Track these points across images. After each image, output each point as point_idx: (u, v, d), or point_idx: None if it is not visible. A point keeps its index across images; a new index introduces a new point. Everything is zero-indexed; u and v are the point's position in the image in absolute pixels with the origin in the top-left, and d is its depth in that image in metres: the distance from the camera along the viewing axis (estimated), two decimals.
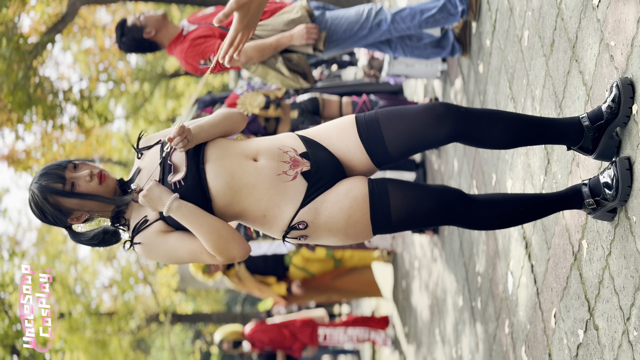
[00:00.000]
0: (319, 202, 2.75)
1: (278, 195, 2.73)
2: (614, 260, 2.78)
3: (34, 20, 12.29)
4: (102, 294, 20.25)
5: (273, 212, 2.74)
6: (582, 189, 2.82)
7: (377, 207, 2.74)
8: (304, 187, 2.75)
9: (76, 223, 2.81)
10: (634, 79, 2.63)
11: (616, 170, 2.66)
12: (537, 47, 3.76)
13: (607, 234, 2.85)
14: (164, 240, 2.74)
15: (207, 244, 2.69)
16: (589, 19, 3.07)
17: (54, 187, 2.70)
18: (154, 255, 2.78)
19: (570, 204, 2.86)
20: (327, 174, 2.79)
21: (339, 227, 2.75)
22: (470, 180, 5.26)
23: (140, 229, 2.75)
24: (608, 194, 2.70)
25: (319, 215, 2.74)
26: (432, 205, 2.76)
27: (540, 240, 3.68)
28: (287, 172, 2.73)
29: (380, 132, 2.80)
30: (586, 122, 2.76)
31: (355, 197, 2.74)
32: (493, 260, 4.61)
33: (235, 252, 2.72)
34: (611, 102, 2.68)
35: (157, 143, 2.85)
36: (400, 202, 2.74)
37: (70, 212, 2.75)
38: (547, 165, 3.59)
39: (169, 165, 2.73)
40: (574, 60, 3.24)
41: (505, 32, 4.39)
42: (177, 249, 2.74)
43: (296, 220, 2.74)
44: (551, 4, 3.55)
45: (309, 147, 2.81)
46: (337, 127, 2.88)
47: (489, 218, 2.84)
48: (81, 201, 2.72)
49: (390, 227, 2.79)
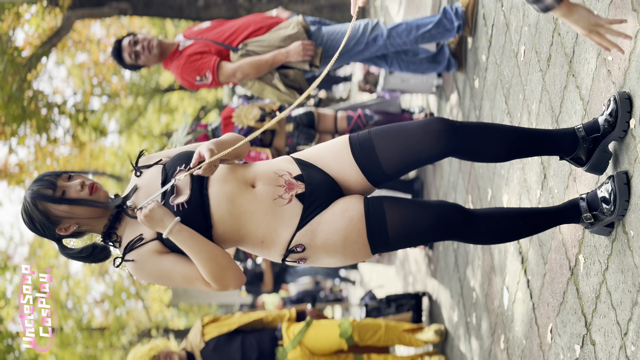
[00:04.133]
0: (315, 224, 2.73)
1: (275, 220, 2.71)
2: (611, 274, 2.77)
3: (28, 34, 12.28)
4: (94, 309, 20.18)
5: (271, 237, 2.73)
6: (580, 203, 2.81)
7: (373, 226, 2.72)
8: (300, 210, 2.73)
9: (65, 234, 2.75)
10: (631, 93, 2.63)
11: (614, 185, 2.66)
12: (534, 62, 3.77)
13: (605, 248, 2.84)
14: (158, 260, 2.71)
15: (204, 271, 2.67)
16: None
17: (43, 192, 2.68)
18: (145, 274, 2.74)
19: (568, 218, 2.85)
20: (322, 194, 2.77)
21: (337, 248, 2.73)
22: (465, 195, 5.26)
23: (134, 247, 2.72)
24: (606, 208, 2.69)
25: (316, 237, 2.72)
26: (430, 221, 2.73)
27: (537, 255, 3.68)
28: (282, 195, 2.72)
29: (374, 151, 2.78)
30: (582, 133, 2.76)
31: (351, 217, 2.72)
32: (489, 275, 4.60)
33: (231, 281, 2.72)
34: (608, 115, 2.68)
35: (157, 163, 2.84)
36: (397, 220, 2.72)
37: (59, 221, 2.72)
38: (543, 179, 3.59)
39: (172, 187, 2.71)
40: (570, 75, 3.25)
41: (501, 47, 4.40)
42: (170, 272, 2.71)
43: (293, 244, 2.73)
44: (548, 19, 3.56)
45: (304, 169, 2.81)
46: (331, 149, 2.87)
47: (488, 232, 2.81)
48: (70, 208, 2.69)
49: (388, 246, 2.77)
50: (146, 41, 5.11)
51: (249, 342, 5.58)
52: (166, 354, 5.35)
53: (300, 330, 5.59)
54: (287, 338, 5.60)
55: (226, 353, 5.51)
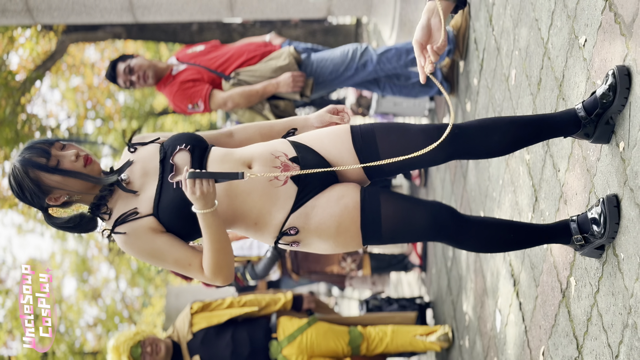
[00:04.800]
0: (310, 207, 2.72)
1: (270, 202, 2.70)
2: (602, 297, 2.78)
3: (22, 58, 12.31)
4: (87, 333, 20.07)
5: (264, 219, 2.72)
6: (571, 224, 2.82)
7: (367, 216, 2.71)
8: (294, 192, 2.72)
9: (54, 204, 2.70)
10: (631, 69, 2.61)
11: (604, 208, 2.67)
12: (525, 85, 3.80)
13: (595, 271, 2.85)
14: (152, 238, 2.67)
15: (211, 260, 2.64)
16: (575, 58, 3.11)
17: (37, 161, 2.63)
18: (136, 250, 2.69)
19: (558, 238, 2.86)
20: (317, 177, 2.76)
21: (330, 234, 2.71)
22: None
23: (127, 220, 2.68)
24: (596, 230, 2.70)
25: (310, 220, 2.71)
26: (424, 220, 2.74)
27: (529, 277, 3.68)
28: (278, 177, 2.71)
29: (375, 144, 2.78)
30: (582, 113, 2.74)
31: (347, 204, 2.71)
32: (481, 298, 4.60)
33: (225, 278, 2.69)
34: (607, 89, 2.65)
35: (154, 141, 2.82)
36: (392, 213, 2.72)
37: (50, 191, 2.66)
38: (534, 202, 3.61)
39: (170, 165, 2.70)
40: (560, 99, 3.27)
41: (492, 71, 4.43)
42: (164, 253, 2.67)
43: (287, 226, 2.71)
44: (538, 43, 3.60)
45: (299, 151, 2.78)
46: (331, 134, 2.85)
47: (479, 239, 2.82)
48: (63, 179, 2.65)
49: (380, 239, 2.76)
50: (141, 71, 5.13)
51: (240, 335, 5.29)
52: (152, 340, 5.08)
53: (300, 327, 5.31)
54: (282, 332, 5.30)
55: (215, 348, 5.23)
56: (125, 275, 20.54)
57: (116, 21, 7.18)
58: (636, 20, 2.54)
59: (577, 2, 3.09)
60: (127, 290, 21.09)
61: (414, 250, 6.79)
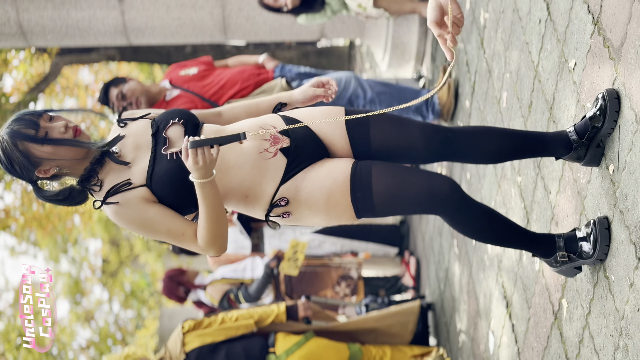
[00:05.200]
0: (300, 179, 2.71)
1: (260, 174, 2.70)
2: (594, 319, 2.79)
3: (16, 80, 12.33)
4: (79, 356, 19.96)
5: (254, 192, 2.71)
6: (557, 240, 2.82)
7: (357, 191, 2.68)
8: (284, 164, 2.72)
9: (43, 177, 2.68)
10: (620, 91, 2.63)
11: (594, 229, 2.68)
12: (516, 108, 3.83)
13: (587, 293, 2.87)
14: (144, 208, 2.64)
15: (206, 230, 2.61)
16: (565, 81, 3.13)
17: (25, 132, 2.60)
18: (128, 220, 2.66)
19: (541, 249, 2.84)
20: (307, 150, 2.76)
21: (319, 207, 2.70)
22: (451, 239, 5.28)
23: (120, 190, 2.65)
24: (584, 251, 2.71)
25: (300, 192, 2.70)
26: (420, 190, 2.67)
27: (521, 299, 3.69)
28: (267, 149, 2.71)
29: (367, 128, 2.79)
30: (573, 136, 2.76)
31: (336, 178, 2.69)
32: (474, 320, 4.60)
33: (219, 248, 2.66)
34: (597, 112, 2.66)
35: (145, 116, 2.81)
36: (384, 188, 2.68)
37: (39, 163, 2.64)
38: (526, 223, 3.62)
39: (164, 138, 2.69)
40: (551, 122, 3.30)
41: (484, 93, 4.46)
42: (156, 222, 2.65)
43: (277, 197, 2.71)
44: (528, 66, 3.63)
45: (289, 124, 2.78)
46: (324, 111, 2.85)
47: (475, 225, 2.77)
48: (53, 149, 2.62)
49: (373, 212, 2.72)
50: (134, 97, 5.13)
51: (235, 351, 5.11)
52: None
53: (297, 342, 5.15)
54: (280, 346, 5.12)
55: None
56: (119, 297, 20.45)
57: (110, 44, 7.21)
58: (624, 45, 2.57)
59: (566, 26, 3.13)
60: (121, 312, 20.99)
61: (407, 272, 6.79)
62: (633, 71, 2.51)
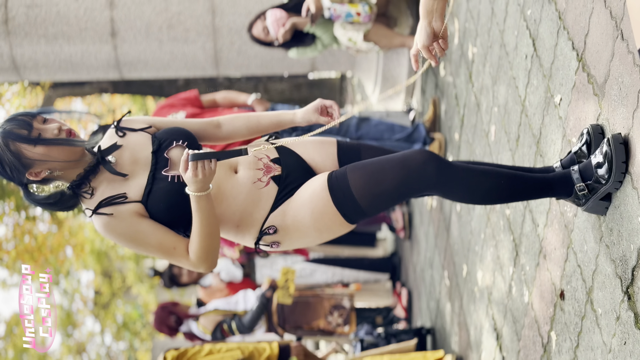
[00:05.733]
0: (286, 204, 2.70)
1: (252, 204, 2.70)
2: (582, 352, 2.82)
3: (9, 113, 12.37)
4: None
5: (246, 221, 2.70)
6: (572, 174, 2.67)
7: (336, 191, 2.63)
8: (275, 192, 2.72)
9: (34, 179, 2.61)
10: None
11: (609, 148, 2.50)
12: (504, 141, 3.87)
13: (575, 325, 2.89)
14: (137, 221, 2.61)
15: (198, 244, 2.59)
16: (551, 116, 3.18)
17: (18, 132, 2.55)
18: (119, 232, 2.61)
19: (560, 189, 2.70)
20: (298, 178, 2.76)
21: (307, 224, 2.67)
22: (442, 271, 5.31)
23: (114, 202, 2.61)
24: (600, 174, 2.54)
25: (286, 216, 2.68)
26: (398, 175, 2.59)
27: (511, 331, 3.71)
28: (261, 179, 2.71)
29: (359, 156, 2.82)
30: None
31: (314, 188, 2.67)
32: (465, 352, 4.61)
33: (209, 264, 2.64)
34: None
35: (144, 130, 2.77)
36: (360, 180, 2.61)
37: (31, 164, 2.58)
38: (515, 256, 3.65)
39: (165, 158, 2.67)
40: (538, 155, 3.34)
41: (473, 127, 4.51)
42: (148, 236, 2.61)
43: (266, 225, 2.69)
44: (516, 100, 3.68)
45: (281, 153, 2.80)
46: (316, 141, 2.87)
47: (466, 186, 2.64)
48: (46, 150, 2.57)
49: (359, 208, 2.65)
50: None
51: None
52: None
53: None
54: None
55: None
56: (111, 328, 20.35)
57: (103, 78, 7.25)
58: (608, 81, 2.62)
59: (552, 62, 3.18)
60: (113, 344, 20.88)
61: (399, 303, 6.80)
62: (616, 107, 2.55)
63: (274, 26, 5.67)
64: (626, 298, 2.45)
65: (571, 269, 2.95)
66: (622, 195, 2.51)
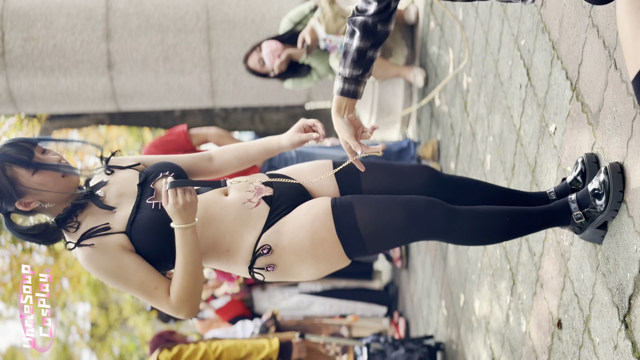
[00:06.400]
0: (281, 224, 2.63)
1: (242, 225, 2.63)
2: None
3: None
4: None
5: (236, 244, 2.63)
6: (571, 204, 2.66)
7: (341, 221, 2.58)
8: (266, 212, 2.66)
9: (22, 209, 2.55)
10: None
11: (607, 176, 2.50)
12: (499, 170, 3.88)
13: (572, 355, 2.88)
14: (119, 255, 2.52)
15: (181, 284, 2.51)
16: (546, 145, 3.19)
17: (18, 157, 2.50)
18: (100, 266, 2.52)
19: (559, 220, 2.68)
20: (290, 198, 2.71)
21: (305, 248, 2.59)
22: (439, 300, 5.29)
23: (97, 234, 2.54)
24: (598, 203, 2.55)
25: (282, 236, 2.60)
26: (402, 217, 2.56)
27: None
28: (251, 199, 2.67)
29: (357, 176, 2.78)
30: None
31: (317, 213, 2.61)
32: None
33: (190, 308, 2.55)
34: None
35: (132, 167, 2.75)
36: (367, 214, 2.57)
37: (24, 193, 2.52)
38: (512, 286, 3.65)
39: (150, 189, 2.63)
40: (534, 184, 3.35)
41: (468, 156, 4.52)
42: (129, 272, 2.52)
43: (259, 245, 2.61)
44: (511, 130, 3.69)
45: (273, 177, 2.78)
46: (311, 165, 2.85)
47: (469, 229, 2.61)
48: (43, 180, 2.51)
49: (362, 245, 2.60)
50: None
51: None
52: None
53: None
54: None
55: None
56: None
57: (99, 110, 7.27)
58: (602, 110, 2.63)
59: (546, 91, 3.20)
60: None
61: (397, 333, 6.78)
62: (611, 136, 2.57)
63: (270, 57, 5.71)
64: (623, 327, 2.45)
65: (568, 298, 2.94)
66: (618, 223, 2.51)
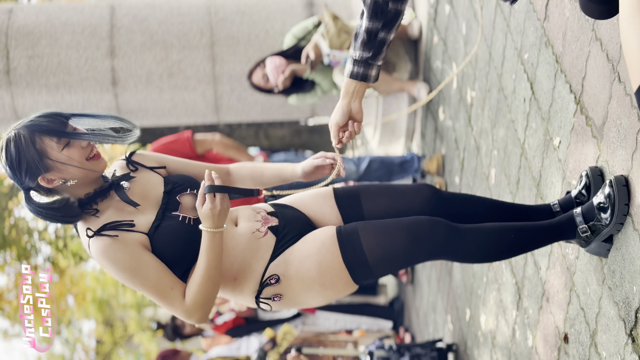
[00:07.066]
0: (288, 254, 2.65)
1: (250, 254, 2.65)
2: None
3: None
4: None
5: (244, 273, 2.64)
6: (576, 218, 2.66)
7: (347, 247, 2.60)
8: (273, 242, 2.68)
9: (45, 186, 2.48)
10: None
11: (612, 189, 2.51)
12: (504, 184, 3.88)
13: None
14: (140, 251, 2.51)
15: (199, 287, 2.51)
16: (551, 158, 3.19)
17: (52, 127, 2.44)
18: (118, 258, 2.49)
19: (566, 234, 2.68)
20: (295, 227, 2.73)
21: (312, 277, 2.61)
22: (445, 315, 5.27)
23: (120, 228, 2.51)
24: (603, 217, 2.55)
25: (289, 266, 2.63)
26: (405, 241, 2.58)
27: None
28: (259, 229, 2.68)
29: (358, 199, 2.79)
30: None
31: (323, 241, 2.63)
32: None
33: (202, 314, 2.54)
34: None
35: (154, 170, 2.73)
36: (372, 240, 2.59)
37: (50, 168, 2.46)
38: (518, 300, 3.64)
39: (176, 201, 2.63)
40: (539, 198, 3.34)
41: (473, 170, 4.52)
42: (148, 268, 2.50)
43: (267, 275, 2.63)
44: (515, 143, 3.69)
45: (277, 207, 2.80)
46: (312, 193, 2.86)
47: (474, 248, 2.62)
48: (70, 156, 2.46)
49: (369, 270, 2.62)
50: None
51: None
52: None
53: None
54: None
55: None
56: None
57: None
58: (606, 123, 2.63)
59: (550, 104, 3.20)
60: None
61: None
62: (615, 149, 2.56)
63: (274, 73, 5.72)
64: (630, 340, 2.44)
65: (574, 312, 2.93)
66: (624, 237, 2.50)
